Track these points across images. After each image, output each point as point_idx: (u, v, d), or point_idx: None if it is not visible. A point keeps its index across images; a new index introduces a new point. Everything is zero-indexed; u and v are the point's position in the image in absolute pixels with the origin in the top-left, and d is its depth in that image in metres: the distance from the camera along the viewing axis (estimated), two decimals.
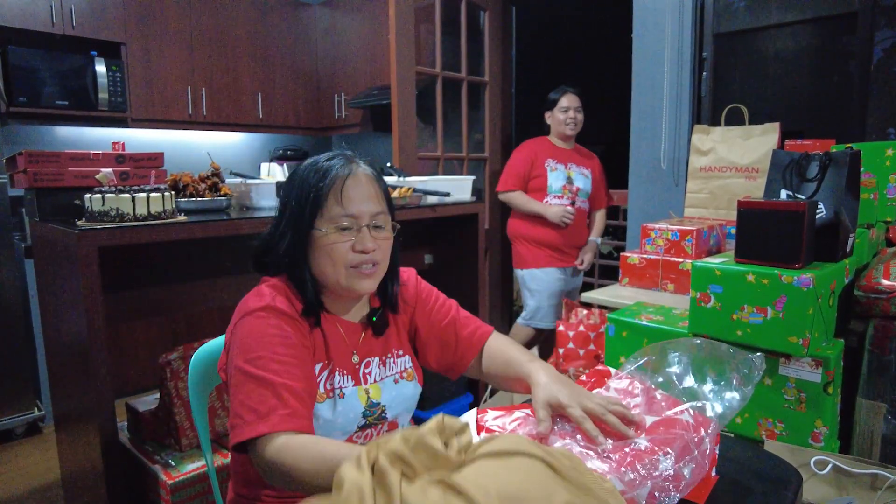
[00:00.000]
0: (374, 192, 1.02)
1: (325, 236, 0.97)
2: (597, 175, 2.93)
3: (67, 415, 1.70)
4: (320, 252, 0.99)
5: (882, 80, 2.21)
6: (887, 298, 1.48)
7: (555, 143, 2.90)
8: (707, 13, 2.52)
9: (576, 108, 2.82)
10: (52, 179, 1.51)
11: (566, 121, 2.81)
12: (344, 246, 0.98)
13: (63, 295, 1.49)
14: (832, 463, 1.18)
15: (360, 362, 1.06)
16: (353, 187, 0.99)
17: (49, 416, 2.83)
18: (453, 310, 1.16)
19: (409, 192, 1.93)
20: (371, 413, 1.03)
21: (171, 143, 3.84)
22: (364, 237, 0.99)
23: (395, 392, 1.07)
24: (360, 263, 0.99)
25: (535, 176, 2.79)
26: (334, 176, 0.98)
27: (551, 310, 2.83)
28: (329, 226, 0.98)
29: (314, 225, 0.98)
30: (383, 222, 1.03)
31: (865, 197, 1.69)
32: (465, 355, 1.11)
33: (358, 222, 0.99)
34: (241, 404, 0.87)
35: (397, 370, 1.10)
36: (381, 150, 4.34)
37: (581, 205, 2.85)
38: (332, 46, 4.11)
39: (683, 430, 0.77)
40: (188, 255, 1.72)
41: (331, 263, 0.98)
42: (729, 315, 1.36)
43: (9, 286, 2.67)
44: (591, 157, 2.96)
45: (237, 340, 0.94)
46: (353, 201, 0.98)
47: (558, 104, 2.83)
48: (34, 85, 3.01)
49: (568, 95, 2.82)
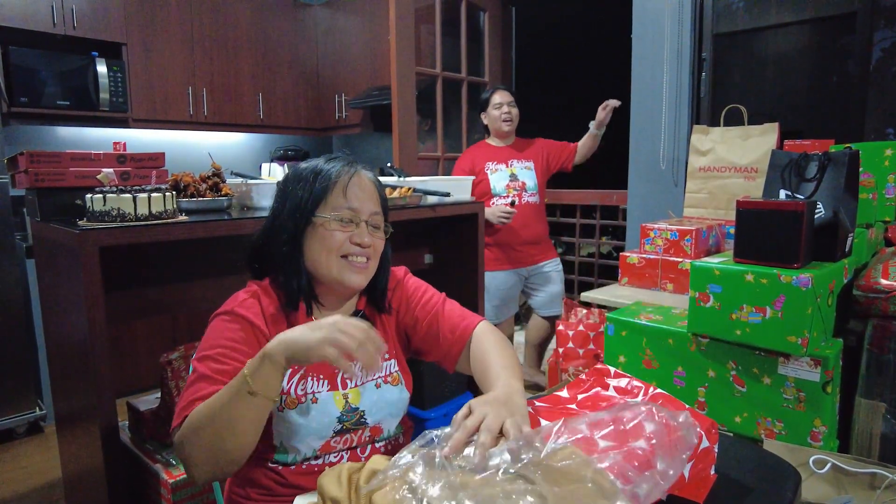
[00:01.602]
0: (374, 194, 1.06)
1: (325, 223, 1.01)
2: (542, 153, 2.89)
3: (68, 414, 1.70)
4: (317, 240, 1.02)
5: (881, 81, 2.22)
6: (886, 298, 1.48)
7: (493, 144, 2.89)
8: (706, 13, 2.52)
9: (508, 102, 2.80)
10: (53, 179, 1.52)
11: (501, 116, 2.80)
12: (341, 235, 1.01)
13: (64, 295, 1.49)
14: (831, 462, 1.19)
15: None
16: (357, 184, 1.04)
17: (50, 415, 2.84)
18: (439, 303, 1.14)
19: (409, 192, 1.93)
20: (348, 418, 1.02)
21: (172, 143, 3.85)
22: (362, 231, 1.03)
23: (375, 397, 1.06)
24: (353, 254, 1.02)
25: (476, 182, 2.76)
26: (340, 171, 1.03)
27: (493, 311, 2.85)
28: (331, 214, 1.01)
29: (315, 213, 1.01)
30: (380, 223, 1.07)
31: (864, 197, 1.69)
32: (452, 349, 1.10)
33: (358, 216, 1.03)
34: (183, 392, 0.94)
35: (380, 375, 1.09)
36: (382, 150, 4.34)
37: (530, 199, 2.82)
38: (333, 47, 4.12)
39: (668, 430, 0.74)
40: (189, 255, 1.72)
41: (325, 251, 1.01)
42: (728, 315, 1.36)
43: (10, 286, 2.68)
44: (530, 145, 2.92)
45: (203, 337, 1.00)
46: (356, 196, 1.03)
47: (491, 102, 2.83)
48: (35, 85, 3.01)
49: (499, 92, 2.82)
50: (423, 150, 3.14)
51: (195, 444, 0.85)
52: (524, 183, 2.82)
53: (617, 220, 3.63)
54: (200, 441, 0.85)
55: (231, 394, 0.84)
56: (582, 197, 3.68)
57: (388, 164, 2.37)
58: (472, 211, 2.22)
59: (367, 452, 1.05)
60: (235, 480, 1.07)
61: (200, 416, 0.86)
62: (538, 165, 2.87)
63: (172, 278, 1.71)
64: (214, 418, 0.84)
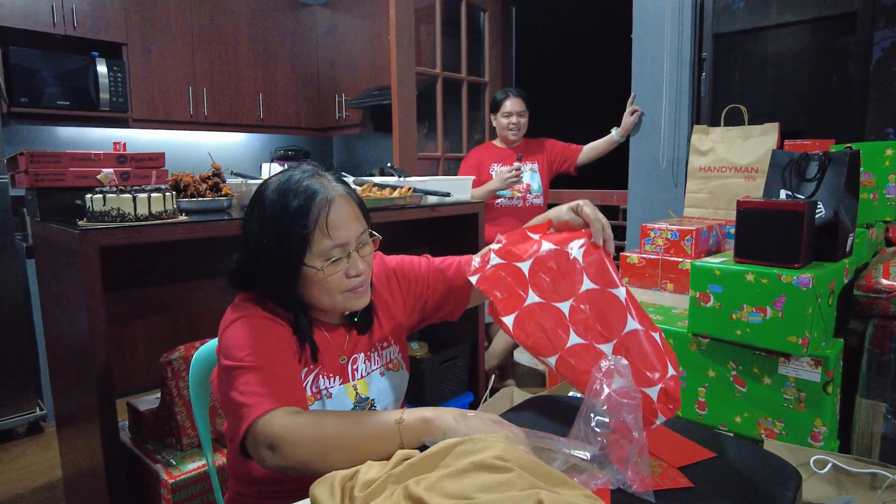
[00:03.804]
0: (353, 211, 0.98)
1: (317, 272, 0.94)
2: (547, 155, 2.89)
3: (69, 414, 1.70)
4: (314, 285, 0.96)
5: (881, 80, 2.21)
6: (887, 298, 1.48)
7: (499, 146, 2.90)
8: (707, 13, 2.52)
9: (518, 112, 2.80)
10: (53, 179, 1.52)
11: (509, 126, 2.80)
12: (338, 276, 0.96)
13: (64, 295, 1.49)
14: (832, 462, 1.19)
15: (348, 361, 1.07)
16: (337, 214, 0.94)
17: (50, 415, 2.84)
18: (428, 261, 1.18)
19: (409, 192, 1.93)
20: (361, 408, 1.05)
21: (172, 143, 3.85)
22: (355, 261, 0.97)
23: (382, 384, 1.09)
24: (354, 287, 0.98)
25: (481, 183, 2.76)
26: (315, 208, 0.93)
27: None
28: (321, 261, 0.94)
29: (304, 262, 0.94)
30: (367, 240, 1.01)
31: (865, 197, 1.69)
32: (465, 288, 1.14)
33: (347, 249, 0.96)
34: (241, 393, 0.86)
35: (382, 363, 1.12)
36: (382, 150, 4.34)
37: (534, 201, 2.83)
38: (333, 47, 4.12)
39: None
40: (189, 255, 1.72)
41: (326, 294, 0.97)
42: (728, 315, 1.36)
43: (10, 286, 2.68)
44: (536, 147, 2.92)
45: (223, 348, 0.94)
46: (339, 230, 0.94)
47: (501, 109, 2.82)
48: (35, 85, 3.01)
49: (512, 99, 2.80)
50: (424, 151, 3.14)
51: (306, 449, 0.80)
52: (529, 185, 2.83)
53: (617, 220, 3.63)
54: (314, 448, 0.80)
55: (376, 429, 0.81)
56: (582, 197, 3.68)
57: (389, 164, 2.37)
58: (472, 211, 2.22)
59: None
60: (239, 479, 1.07)
61: (327, 428, 0.81)
62: (543, 167, 2.88)
63: (172, 278, 1.71)
64: (344, 439, 0.80)
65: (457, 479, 0.65)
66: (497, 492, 0.63)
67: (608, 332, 0.90)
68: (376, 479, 0.69)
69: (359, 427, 0.81)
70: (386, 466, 0.72)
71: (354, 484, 0.69)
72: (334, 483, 0.70)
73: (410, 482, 0.66)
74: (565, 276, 0.94)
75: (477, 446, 0.70)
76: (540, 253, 0.95)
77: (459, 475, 0.66)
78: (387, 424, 0.81)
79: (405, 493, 0.65)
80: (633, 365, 0.85)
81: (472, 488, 0.64)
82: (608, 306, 0.92)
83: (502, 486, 0.64)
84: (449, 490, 0.64)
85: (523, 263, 0.95)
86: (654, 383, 0.86)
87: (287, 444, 0.79)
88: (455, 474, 0.66)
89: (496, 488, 0.63)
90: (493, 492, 0.63)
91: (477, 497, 0.62)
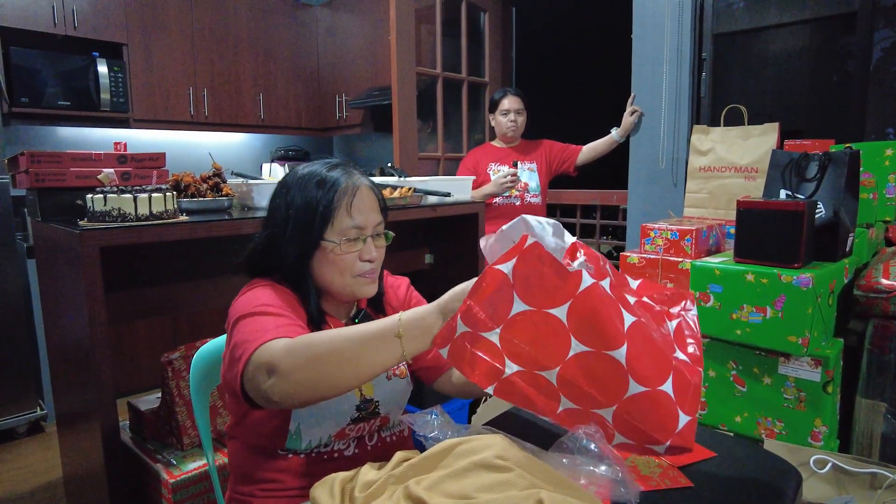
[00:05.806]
0: (375, 203, 1.07)
1: (335, 247, 1.01)
2: (545, 155, 2.89)
3: (69, 414, 1.70)
4: (327, 262, 1.02)
5: (881, 81, 2.21)
6: (887, 298, 1.48)
7: (497, 146, 2.90)
8: (706, 13, 2.52)
9: (516, 110, 2.80)
10: (53, 180, 1.52)
11: (507, 124, 2.80)
12: (352, 256, 1.02)
13: (65, 294, 1.49)
14: (832, 462, 1.19)
15: None
16: (360, 199, 1.03)
17: (51, 415, 2.84)
18: None
19: (409, 192, 1.93)
20: (365, 407, 1.05)
21: (172, 143, 3.85)
22: (369, 246, 1.04)
23: (388, 388, 1.10)
24: (364, 272, 1.04)
25: (479, 183, 2.76)
26: (343, 188, 1.01)
27: None
28: (339, 237, 1.01)
29: (324, 237, 1.00)
30: (381, 231, 1.08)
31: (865, 197, 1.69)
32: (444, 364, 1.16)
33: (364, 233, 1.03)
34: (242, 334, 0.88)
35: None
36: (382, 150, 4.34)
37: (532, 200, 2.83)
38: (334, 47, 4.12)
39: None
40: (190, 255, 1.72)
41: (338, 273, 1.02)
42: (728, 314, 1.36)
43: (11, 286, 2.68)
44: (534, 146, 2.92)
45: (233, 312, 0.96)
46: (361, 212, 1.02)
47: (499, 107, 2.82)
48: (36, 85, 3.02)
49: (509, 97, 2.80)
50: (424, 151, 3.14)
51: (305, 365, 0.78)
52: (526, 184, 2.82)
53: (617, 220, 3.63)
54: (312, 364, 0.78)
55: (374, 331, 0.80)
56: (582, 197, 3.68)
57: (389, 165, 2.38)
58: (473, 211, 2.22)
59: (374, 441, 1.09)
60: (240, 479, 1.07)
61: (324, 341, 0.80)
62: (541, 167, 2.88)
63: (173, 278, 1.71)
64: (343, 349, 0.79)
65: (457, 478, 0.66)
66: (497, 491, 0.63)
67: (606, 397, 0.79)
68: (376, 479, 0.69)
69: (358, 335, 0.80)
70: (386, 467, 0.72)
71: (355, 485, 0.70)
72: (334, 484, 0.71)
73: (410, 482, 0.67)
74: (548, 339, 0.77)
75: (477, 446, 0.70)
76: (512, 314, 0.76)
77: (459, 475, 0.66)
78: (388, 322, 0.80)
79: (405, 493, 0.65)
80: (638, 430, 0.81)
81: (473, 488, 0.64)
82: (605, 373, 0.78)
83: (502, 485, 0.64)
84: (449, 490, 0.64)
85: (490, 334, 0.76)
86: (662, 443, 0.83)
87: (285, 363, 0.78)
88: (455, 474, 0.66)
89: (496, 488, 0.64)
90: (493, 491, 0.63)
91: (477, 497, 0.62)
